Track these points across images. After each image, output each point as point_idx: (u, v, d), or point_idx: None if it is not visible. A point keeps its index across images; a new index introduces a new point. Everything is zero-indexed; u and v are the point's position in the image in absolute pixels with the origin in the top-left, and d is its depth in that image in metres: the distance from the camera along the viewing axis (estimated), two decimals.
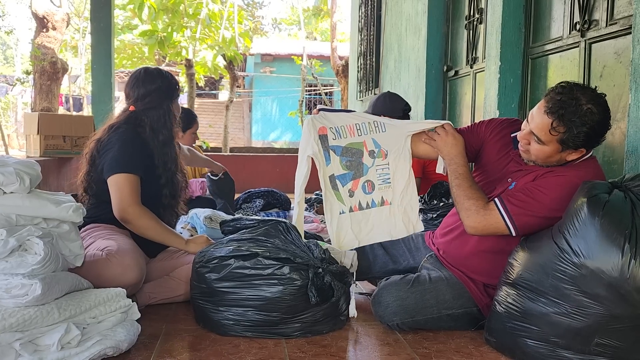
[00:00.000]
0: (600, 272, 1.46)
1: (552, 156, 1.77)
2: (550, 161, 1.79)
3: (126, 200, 2.09)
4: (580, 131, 1.68)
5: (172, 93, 2.30)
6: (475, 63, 3.73)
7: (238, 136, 17.19)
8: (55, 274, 1.59)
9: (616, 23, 2.30)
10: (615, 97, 2.29)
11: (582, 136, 1.69)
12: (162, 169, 2.23)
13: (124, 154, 2.12)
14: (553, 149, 1.74)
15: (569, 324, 1.52)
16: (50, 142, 4.46)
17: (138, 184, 2.13)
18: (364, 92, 6.48)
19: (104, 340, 1.58)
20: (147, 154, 2.20)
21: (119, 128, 2.19)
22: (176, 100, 2.34)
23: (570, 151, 1.75)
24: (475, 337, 1.87)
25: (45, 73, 8.83)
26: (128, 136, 2.16)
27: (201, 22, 9.81)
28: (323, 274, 1.85)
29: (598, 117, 1.68)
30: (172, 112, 2.29)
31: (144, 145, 2.19)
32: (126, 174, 2.10)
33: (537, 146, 1.76)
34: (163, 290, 2.15)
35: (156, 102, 2.24)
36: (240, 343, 1.78)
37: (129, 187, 2.10)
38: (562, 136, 1.70)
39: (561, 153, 1.75)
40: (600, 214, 1.52)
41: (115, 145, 2.14)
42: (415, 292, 1.89)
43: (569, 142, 1.71)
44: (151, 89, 2.23)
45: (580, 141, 1.71)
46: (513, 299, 1.69)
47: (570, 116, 1.67)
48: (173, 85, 2.31)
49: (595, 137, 1.72)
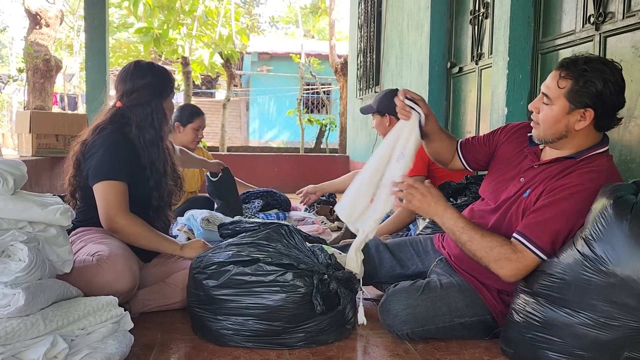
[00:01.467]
0: (631, 280, 1.35)
1: (559, 121, 1.65)
2: (557, 130, 1.67)
3: (113, 210, 1.98)
4: (590, 81, 1.59)
5: (162, 90, 2.15)
6: (480, 59, 3.63)
7: (235, 135, 17.08)
8: (41, 282, 1.48)
9: (634, 15, 2.19)
10: (634, 93, 2.19)
11: (592, 89, 1.59)
12: (150, 170, 2.09)
13: (108, 159, 2.00)
14: (561, 109, 1.64)
15: (596, 337, 1.41)
16: (42, 141, 4.35)
17: (125, 191, 2.01)
18: (363, 90, 6.37)
19: (93, 354, 1.47)
20: (134, 155, 2.07)
21: (103, 130, 2.06)
22: (168, 98, 2.19)
23: (577, 113, 1.62)
24: (490, 347, 1.77)
25: (39, 71, 8.69)
26: (113, 139, 2.03)
27: (197, 20, 9.69)
28: (329, 280, 1.74)
29: (611, 75, 1.60)
30: (161, 111, 2.14)
31: (130, 147, 2.06)
32: (111, 182, 1.98)
33: (546, 109, 1.67)
34: (158, 297, 2.04)
35: (144, 98, 2.10)
36: (240, 354, 1.67)
37: (114, 195, 1.98)
38: (570, 88, 1.62)
39: (568, 116, 1.64)
40: (628, 217, 1.41)
41: (100, 149, 2.01)
42: (426, 299, 1.78)
43: (576, 96, 1.61)
44: (140, 84, 2.10)
45: (588, 96, 1.60)
46: (532, 308, 1.58)
47: (581, 66, 1.61)
48: (165, 81, 2.16)
49: (607, 97, 1.60)
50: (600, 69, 1.60)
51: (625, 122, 2.25)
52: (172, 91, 2.22)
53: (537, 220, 1.63)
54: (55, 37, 9.85)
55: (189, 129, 3.44)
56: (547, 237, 1.60)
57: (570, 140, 1.69)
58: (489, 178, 1.97)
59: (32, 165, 3.92)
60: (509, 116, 2.85)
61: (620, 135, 2.27)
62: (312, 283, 1.71)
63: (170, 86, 2.20)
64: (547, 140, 1.72)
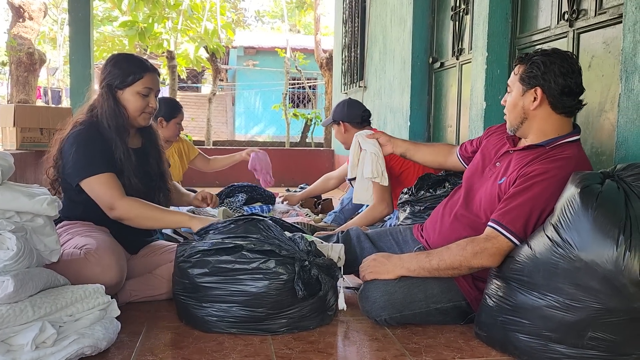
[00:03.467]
0: (595, 264, 1.43)
1: (517, 104, 1.82)
2: (517, 113, 1.83)
3: (106, 202, 2.01)
4: (534, 63, 1.76)
5: (120, 81, 2.09)
6: (461, 54, 3.70)
7: (221, 130, 17.04)
8: (29, 270, 1.52)
9: (605, 12, 2.27)
10: (604, 87, 2.27)
11: (537, 69, 1.75)
12: (121, 162, 2.07)
13: (83, 156, 2.01)
14: (517, 93, 1.82)
15: (562, 318, 1.49)
16: (27, 134, 4.34)
17: (111, 180, 2.02)
18: (348, 85, 6.43)
19: (81, 339, 1.51)
20: (108, 148, 2.06)
21: (76, 126, 2.07)
22: (127, 89, 2.10)
23: (529, 94, 1.78)
24: (465, 331, 1.84)
25: (22, 64, 8.63)
26: (85, 135, 2.04)
27: (183, 14, 9.65)
28: (309, 267, 1.80)
29: (558, 58, 1.76)
30: (116, 103, 2.10)
31: (103, 141, 2.06)
32: (93, 177, 2.00)
33: (508, 97, 1.86)
34: (145, 288, 2.08)
35: (104, 90, 2.11)
36: (225, 340, 1.73)
37: (102, 189, 2.00)
38: (521, 73, 1.80)
39: (523, 98, 1.80)
40: (593, 205, 1.48)
41: (73, 147, 2.02)
42: (403, 286, 1.85)
43: (526, 79, 1.79)
44: (102, 76, 2.12)
45: (534, 76, 1.76)
46: (504, 293, 1.65)
47: (532, 54, 1.79)
48: (121, 72, 2.09)
49: (552, 77, 1.74)
50: (549, 53, 1.78)
51: (596, 116, 2.33)
52: (133, 82, 2.11)
53: (509, 207, 1.71)
54: (39, 30, 9.76)
55: (172, 124, 3.46)
56: (519, 222, 1.69)
57: (531, 124, 1.82)
58: (472, 163, 2.10)
59: (16, 159, 3.91)
60: (487, 110, 2.93)
61: (592, 128, 2.35)
62: (294, 270, 1.77)
63: (130, 78, 2.10)
64: (513, 126, 1.86)
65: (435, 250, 1.85)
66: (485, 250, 1.71)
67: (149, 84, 2.14)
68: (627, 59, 1.89)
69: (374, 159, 2.43)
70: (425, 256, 1.83)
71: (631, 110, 1.87)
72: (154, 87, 2.16)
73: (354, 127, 3.09)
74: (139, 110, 2.14)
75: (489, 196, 1.86)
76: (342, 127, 3.11)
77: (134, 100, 2.12)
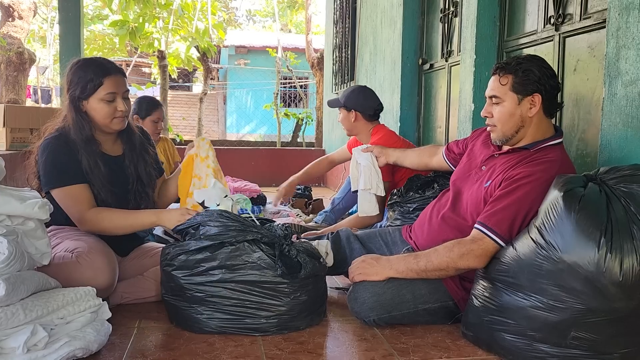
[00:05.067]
0: (577, 266, 1.46)
1: (513, 113, 1.83)
2: (514, 122, 1.84)
3: (75, 214, 2.00)
4: (528, 70, 1.79)
5: (80, 91, 2.01)
6: (450, 56, 3.73)
7: (212, 129, 17.01)
8: (21, 274, 1.53)
9: (590, 17, 2.31)
10: (589, 90, 2.31)
11: (532, 75, 1.79)
12: (89, 170, 2.02)
13: (51, 166, 1.98)
14: (511, 103, 1.83)
15: (546, 318, 1.52)
16: (16, 135, 4.33)
17: (79, 192, 1.99)
18: (339, 85, 6.45)
19: (72, 342, 1.52)
20: (77, 159, 2.02)
21: (47, 134, 2.04)
22: (91, 98, 2.02)
23: (527, 101, 1.81)
24: (452, 331, 1.87)
25: (12, 64, 8.57)
26: (54, 145, 2.00)
27: (174, 13, 9.63)
28: (288, 249, 1.83)
29: (542, 62, 1.83)
30: (81, 113, 2.04)
31: (71, 152, 2.01)
32: (61, 188, 1.98)
33: (498, 108, 1.86)
34: (136, 290, 2.09)
35: (69, 103, 2.04)
36: (215, 341, 1.75)
37: (69, 200, 1.99)
38: (512, 82, 1.82)
39: (520, 106, 1.82)
40: (576, 209, 1.52)
41: (44, 157, 1.99)
42: (392, 287, 1.88)
43: (521, 87, 1.81)
44: (66, 86, 2.06)
45: (531, 82, 1.80)
46: (490, 293, 1.69)
47: (513, 63, 1.83)
48: (81, 80, 2.01)
49: (546, 81, 1.80)
50: (530, 59, 1.83)
51: (582, 119, 2.37)
52: (94, 90, 2.02)
53: (495, 210, 1.75)
54: (29, 30, 9.70)
55: (148, 121, 3.41)
56: (505, 224, 1.72)
57: (526, 131, 1.86)
58: (458, 167, 2.14)
59: (6, 160, 3.89)
60: (475, 112, 2.96)
61: (577, 130, 2.39)
62: (274, 252, 1.80)
63: (90, 86, 2.01)
64: (507, 136, 1.87)
65: (423, 252, 1.88)
66: (472, 252, 1.74)
67: (111, 88, 2.03)
68: (610, 64, 1.93)
69: (367, 172, 2.63)
70: (413, 258, 1.86)
71: (614, 114, 1.91)
72: (119, 90, 2.05)
73: (364, 119, 3.05)
74: (108, 117, 2.05)
75: (475, 199, 1.89)
76: (352, 114, 3.04)
77: (100, 108, 2.03)
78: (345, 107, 3.06)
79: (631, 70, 1.84)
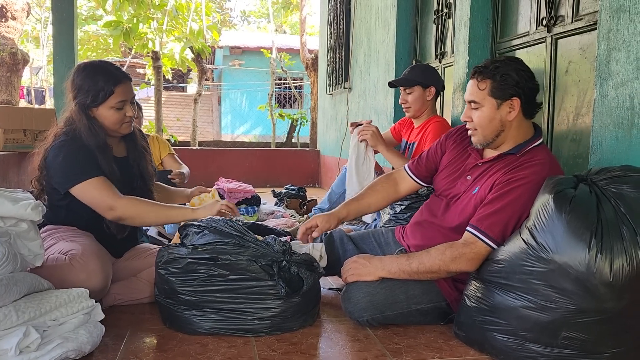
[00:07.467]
0: (568, 266, 1.47)
1: (493, 118, 1.83)
2: (494, 127, 1.84)
3: (104, 204, 2.00)
4: (505, 74, 1.78)
5: (92, 98, 2.04)
6: (443, 57, 3.75)
7: (207, 130, 16.99)
8: (13, 275, 1.53)
9: (581, 19, 2.32)
10: (581, 92, 2.33)
11: (510, 80, 1.79)
12: (107, 175, 2.05)
13: (73, 164, 2.00)
14: (490, 108, 1.82)
15: (537, 318, 1.53)
16: (10, 136, 4.31)
17: (103, 182, 2.01)
18: (333, 86, 6.46)
19: (65, 343, 1.52)
20: (95, 156, 2.05)
21: (59, 137, 2.05)
22: (102, 106, 2.06)
23: (506, 105, 1.81)
24: (445, 331, 1.88)
25: (5, 64, 8.54)
26: (70, 147, 2.02)
27: (168, 14, 9.61)
28: (288, 265, 1.83)
29: (520, 65, 1.82)
30: (93, 120, 2.07)
31: (88, 151, 2.04)
32: (86, 181, 1.99)
33: (477, 113, 1.85)
34: (129, 291, 2.09)
35: (79, 110, 2.06)
36: (209, 342, 1.75)
37: (98, 190, 1.99)
38: (490, 87, 1.81)
39: (499, 111, 1.82)
40: (567, 210, 1.53)
41: (59, 157, 2.00)
42: (385, 287, 1.88)
43: (499, 91, 1.80)
44: (74, 92, 2.06)
45: (509, 87, 1.79)
46: (482, 294, 1.70)
47: (490, 67, 1.81)
48: (92, 87, 2.03)
49: (524, 84, 1.79)
50: (508, 62, 1.82)
51: (573, 120, 2.39)
52: (105, 99, 2.05)
53: (487, 213, 1.75)
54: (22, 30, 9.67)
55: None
56: (497, 227, 1.73)
57: (506, 134, 1.85)
58: (440, 176, 2.10)
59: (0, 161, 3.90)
60: None
61: (569, 131, 2.41)
62: (273, 271, 1.80)
63: (101, 95, 2.04)
64: (488, 140, 1.88)
65: (416, 253, 1.89)
66: (464, 255, 1.75)
67: (122, 96, 2.07)
68: (601, 66, 1.94)
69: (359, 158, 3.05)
70: (405, 259, 1.87)
71: (605, 116, 1.92)
72: (128, 97, 2.10)
73: (435, 97, 3.04)
74: (117, 123, 2.11)
75: (464, 206, 1.90)
76: (429, 91, 2.99)
77: (110, 115, 2.08)
78: (421, 84, 3.00)
79: (622, 72, 1.85)
